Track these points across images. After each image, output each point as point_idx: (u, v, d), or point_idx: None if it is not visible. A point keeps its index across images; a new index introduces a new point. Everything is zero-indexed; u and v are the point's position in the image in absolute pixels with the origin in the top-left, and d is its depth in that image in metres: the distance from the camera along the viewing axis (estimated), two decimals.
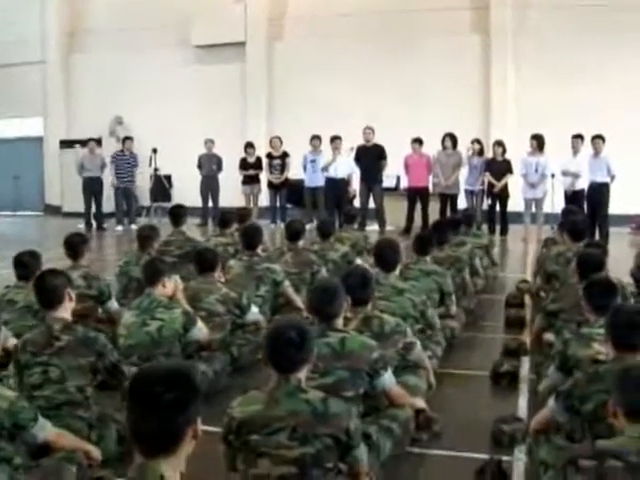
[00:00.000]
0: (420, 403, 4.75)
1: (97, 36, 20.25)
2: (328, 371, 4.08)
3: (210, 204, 16.92)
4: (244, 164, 16.55)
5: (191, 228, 13.03)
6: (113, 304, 6.76)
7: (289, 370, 3.42)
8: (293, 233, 8.01)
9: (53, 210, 20.55)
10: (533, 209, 14.29)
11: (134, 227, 15.24)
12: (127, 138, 17.53)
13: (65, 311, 4.68)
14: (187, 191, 17.23)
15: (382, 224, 15.19)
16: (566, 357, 4.50)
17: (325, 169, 15.06)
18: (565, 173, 13.72)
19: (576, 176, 13.53)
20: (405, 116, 16.77)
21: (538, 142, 14.06)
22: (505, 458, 4.28)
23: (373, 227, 15.10)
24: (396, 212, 15.22)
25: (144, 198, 18.15)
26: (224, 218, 9.30)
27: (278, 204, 16.45)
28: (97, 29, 20.29)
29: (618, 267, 9.62)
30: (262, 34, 18.96)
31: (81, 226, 16.79)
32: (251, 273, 6.99)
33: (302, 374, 3.48)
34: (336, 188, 15.09)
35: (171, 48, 19.47)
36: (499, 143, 14.64)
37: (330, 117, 16.90)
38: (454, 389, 5.70)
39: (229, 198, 16.55)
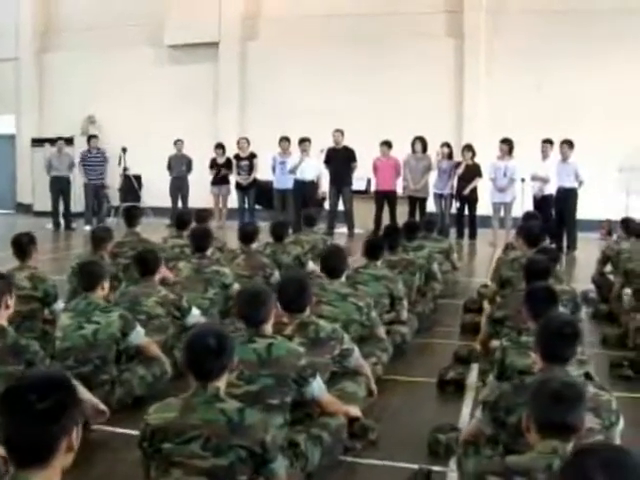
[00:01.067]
0: (355, 411, 4.67)
1: (71, 34, 20.10)
2: (253, 378, 4.00)
3: (180, 205, 16.76)
4: (214, 164, 16.44)
5: (160, 229, 12.93)
6: (59, 305, 6.58)
7: (207, 378, 3.35)
8: (246, 236, 7.93)
9: (24, 209, 20.36)
10: (502, 213, 14.25)
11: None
12: (92, 136, 17.43)
13: (0, 318, 4.58)
14: (157, 191, 17.15)
15: (351, 227, 15.12)
16: (504, 366, 4.44)
17: (293, 171, 14.94)
18: (534, 178, 13.69)
19: (545, 181, 13.48)
20: (377, 118, 16.71)
21: (508, 146, 14.02)
22: (438, 469, 4.20)
23: (342, 230, 15.04)
24: (366, 215, 15.14)
25: (115, 198, 17.99)
26: (181, 219, 9.19)
27: (247, 205, 16.33)
28: (71, 27, 20.15)
29: (586, 273, 9.65)
30: (236, 34, 18.86)
31: (49, 225, 16.67)
32: (199, 275, 6.90)
33: (221, 382, 3.40)
34: (304, 190, 14.96)
35: (144, 47, 19.38)
36: (468, 147, 14.62)
37: (302, 119, 16.81)
38: (398, 397, 5.62)
39: (199, 199, 16.40)
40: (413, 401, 5.57)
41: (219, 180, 16.45)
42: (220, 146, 16.53)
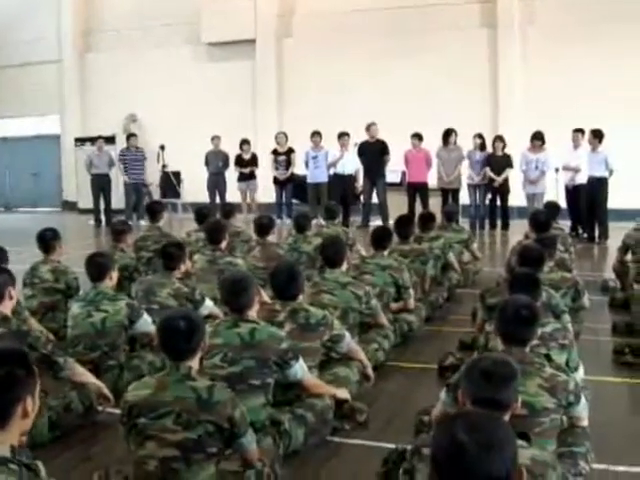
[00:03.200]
0: (342, 393, 4.82)
1: (111, 34, 20.68)
2: (236, 360, 4.22)
3: (217, 200, 17.01)
4: (239, 161, 16.63)
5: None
6: None
7: (179, 358, 3.58)
8: (262, 228, 8.17)
9: (70, 206, 20.97)
10: (535, 204, 14.21)
11: (143, 223, 15.41)
12: (131, 135, 17.87)
13: (5, 308, 4.82)
14: (196, 187, 17.41)
15: (385, 219, 15.20)
16: (488, 350, 4.54)
17: (333, 165, 15.10)
18: (565, 168, 13.66)
19: (576, 171, 13.45)
20: (412, 111, 16.79)
21: (539, 140, 13.98)
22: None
23: (377, 222, 15.13)
24: (400, 207, 15.18)
25: (156, 194, 18.32)
26: (200, 213, 9.44)
27: (284, 200, 16.53)
28: (111, 27, 20.73)
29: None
30: (271, 31, 19.12)
31: (91, 222, 17.11)
32: (213, 267, 7.12)
33: (193, 362, 3.62)
34: (343, 184, 15.14)
35: (183, 46, 19.80)
36: (499, 138, 14.65)
37: (338, 113, 17.00)
38: (396, 382, 5.75)
39: (236, 194, 16.66)
40: (410, 386, 5.68)
41: (246, 176, 16.63)
42: (246, 142, 16.70)
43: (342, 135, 15.27)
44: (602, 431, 4.49)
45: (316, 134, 15.46)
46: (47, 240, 7.12)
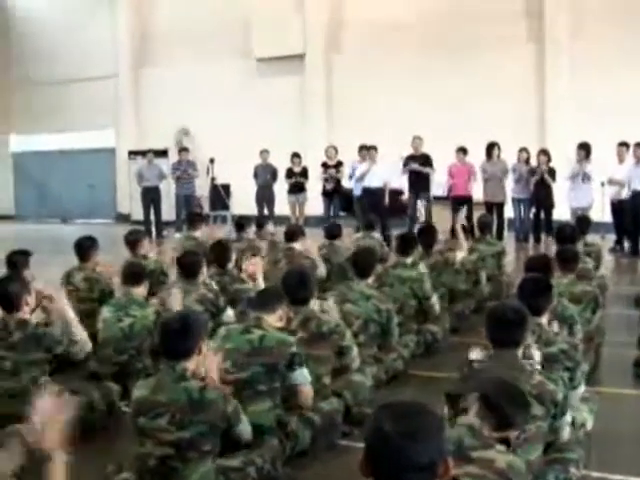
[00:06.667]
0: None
1: (164, 49, 21.19)
2: (244, 366, 4.35)
3: (266, 212, 17.21)
4: (290, 173, 16.79)
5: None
6: None
7: (174, 358, 3.76)
8: (288, 234, 8.48)
9: (123, 218, 21.36)
10: None
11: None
12: (183, 149, 18.25)
13: (23, 314, 4.99)
14: (246, 200, 17.60)
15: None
16: None
17: (362, 179, 15.16)
18: (611, 181, 13.57)
19: (621, 185, 13.35)
20: (457, 125, 16.79)
21: (585, 151, 13.91)
22: None
23: None
24: (445, 221, 15.22)
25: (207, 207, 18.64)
26: (238, 223, 9.63)
27: (332, 213, 16.63)
28: (164, 42, 21.19)
29: None
30: (320, 46, 19.35)
31: None
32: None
33: (189, 363, 3.77)
34: (371, 197, 15.09)
35: (233, 60, 20.14)
36: (543, 152, 14.55)
37: (385, 127, 17.14)
38: (411, 390, 5.83)
39: (285, 207, 16.86)
40: (427, 395, 5.64)
41: (296, 189, 16.76)
42: (296, 155, 16.84)
43: (369, 148, 15.23)
44: (612, 441, 4.57)
45: (363, 148, 15.50)
46: (84, 248, 7.33)
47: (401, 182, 15.74)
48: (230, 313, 6.54)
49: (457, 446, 2.92)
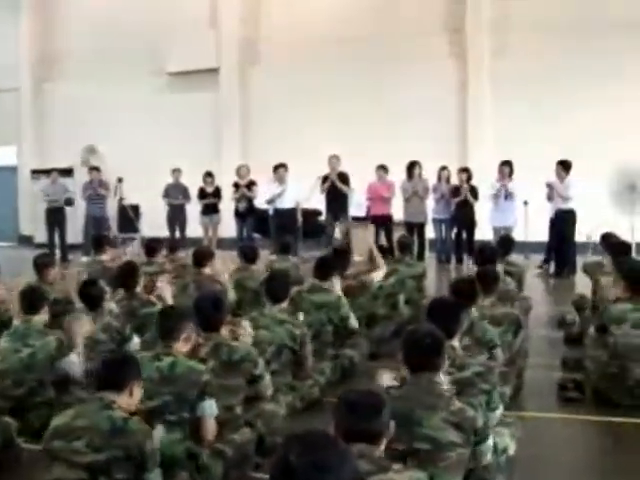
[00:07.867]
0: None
1: (70, 63, 20.38)
2: (153, 395, 4.19)
3: (178, 233, 16.54)
4: (202, 194, 16.19)
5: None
6: None
7: (103, 389, 3.67)
8: (197, 258, 8.32)
9: (26, 240, 20.30)
10: None
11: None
12: (93, 168, 17.38)
13: None
14: (157, 221, 16.86)
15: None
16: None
17: (272, 201, 14.68)
18: (548, 185, 13.12)
19: (564, 198, 12.99)
20: (377, 142, 16.54)
21: (508, 168, 13.75)
22: None
23: None
24: (365, 242, 14.79)
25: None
26: (149, 247, 9.16)
27: (245, 234, 16.02)
28: (70, 56, 20.39)
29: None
30: (235, 59, 18.92)
31: None
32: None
33: (120, 397, 3.66)
34: (283, 219, 14.69)
35: (144, 76, 19.46)
36: (464, 170, 14.36)
37: (303, 144, 16.75)
38: (329, 417, 5.34)
39: (198, 227, 16.24)
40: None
41: (209, 210, 16.18)
42: (209, 175, 16.25)
43: (278, 167, 14.80)
44: (535, 466, 4.68)
45: (278, 167, 14.98)
46: (40, 265, 7.40)
47: (318, 202, 15.23)
48: (136, 341, 6.17)
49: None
